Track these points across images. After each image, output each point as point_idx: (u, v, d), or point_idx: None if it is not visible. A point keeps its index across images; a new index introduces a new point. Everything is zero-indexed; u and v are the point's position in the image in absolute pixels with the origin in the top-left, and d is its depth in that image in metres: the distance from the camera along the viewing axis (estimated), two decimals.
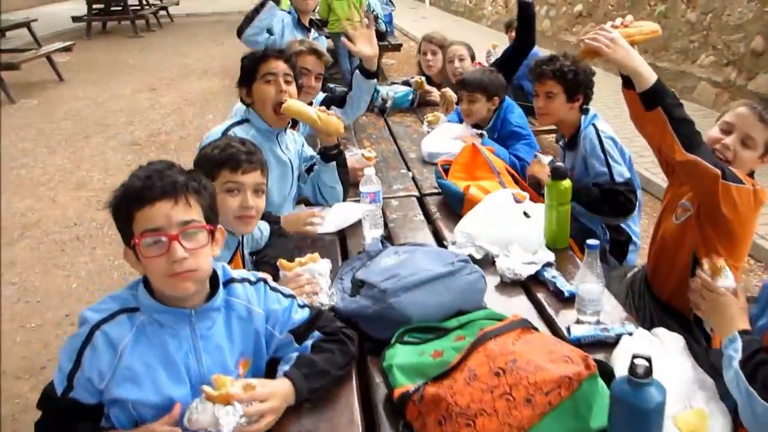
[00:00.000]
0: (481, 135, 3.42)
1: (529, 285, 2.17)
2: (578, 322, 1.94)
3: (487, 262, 2.29)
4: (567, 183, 2.31)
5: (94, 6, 15.71)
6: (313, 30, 4.39)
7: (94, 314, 1.51)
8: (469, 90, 3.47)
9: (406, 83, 4.63)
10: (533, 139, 3.48)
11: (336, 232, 2.64)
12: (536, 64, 2.96)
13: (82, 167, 6.56)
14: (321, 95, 3.56)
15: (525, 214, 2.45)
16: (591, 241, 1.90)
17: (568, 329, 1.88)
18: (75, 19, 15.58)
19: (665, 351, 1.72)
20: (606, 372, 1.54)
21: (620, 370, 1.59)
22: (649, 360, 1.32)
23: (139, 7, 16.58)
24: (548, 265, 2.22)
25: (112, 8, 15.81)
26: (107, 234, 5.00)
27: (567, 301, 2.05)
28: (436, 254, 2.07)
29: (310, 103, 3.32)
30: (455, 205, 2.74)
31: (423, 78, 4.56)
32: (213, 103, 8.79)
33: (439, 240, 2.57)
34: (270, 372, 1.72)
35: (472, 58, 4.33)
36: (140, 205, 1.46)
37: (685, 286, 2.00)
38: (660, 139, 2.10)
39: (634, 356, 1.33)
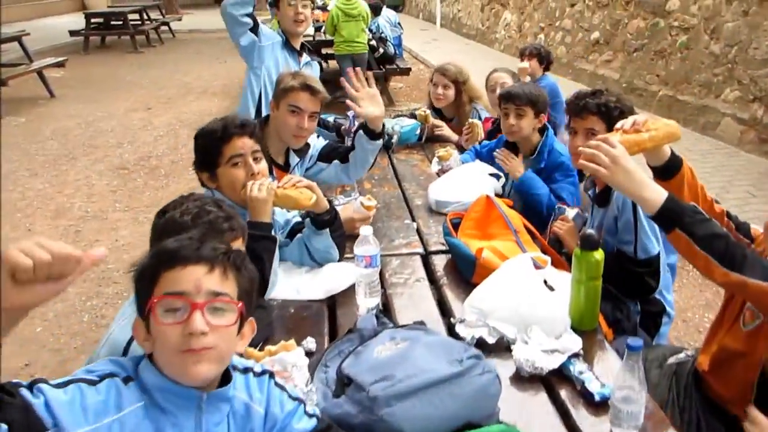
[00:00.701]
0: (497, 177, 3.15)
1: (551, 381, 1.81)
2: None
3: (501, 346, 1.94)
4: (599, 255, 1.94)
5: (93, 20, 15.48)
6: (304, 54, 3.99)
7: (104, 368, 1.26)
8: (518, 103, 3.16)
9: (412, 116, 4.27)
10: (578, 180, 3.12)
11: (325, 298, 2.27)
12: (577, 97, 2.57)
13: (63, 192, 6.19)
14: (321, 142, 3.14)
15: (546, 283, 2.09)
16: (632, 341, 1.54)
17: None
18: (72, 33, 15.27)
19: None
20: None
21: None
22: None
23: (140, 22, 16.32)
24: (575, 356, 1.85)
25: (112, 23, 15.55)
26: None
27: (598, 405, 1.69)
28: (440, 346, 1.69)
29: (307, 145, 2.98)
30: (465, 270, 2.37)
31: (428, 111, 4.21)
32: None
33: (445, 312, 2.20)
34: None
35: None
36: (170, 266, 1.26)
37: (749, 397, 1.67)
38: (692, 260, 1.75)
39: None
